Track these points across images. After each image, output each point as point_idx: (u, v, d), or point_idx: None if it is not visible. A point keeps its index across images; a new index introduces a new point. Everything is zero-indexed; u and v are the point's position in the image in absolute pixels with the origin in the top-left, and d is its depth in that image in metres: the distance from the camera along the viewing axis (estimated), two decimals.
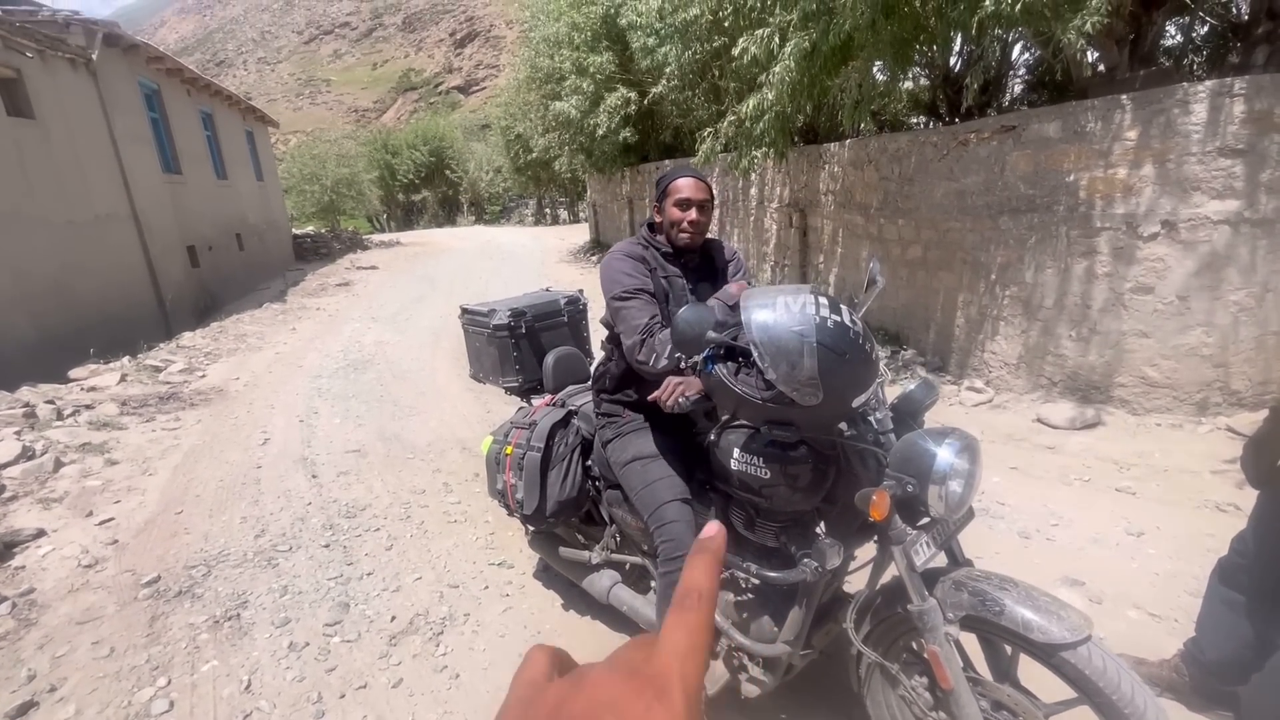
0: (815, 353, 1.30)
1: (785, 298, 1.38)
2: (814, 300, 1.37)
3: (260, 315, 9.63)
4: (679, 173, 1.95)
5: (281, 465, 4.08)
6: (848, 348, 1.33)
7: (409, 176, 34.48)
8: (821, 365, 1.30)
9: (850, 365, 1.34)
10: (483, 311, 2.66)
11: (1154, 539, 3.07)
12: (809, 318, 1.32)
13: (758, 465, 1.68)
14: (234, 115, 15.40)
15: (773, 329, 1.33)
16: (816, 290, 1.42)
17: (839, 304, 1.40)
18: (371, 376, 6.13)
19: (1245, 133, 3.50)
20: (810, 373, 1.30)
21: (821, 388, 1.32)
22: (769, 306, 1.36)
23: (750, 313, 1.37)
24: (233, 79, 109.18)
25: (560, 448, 2.34)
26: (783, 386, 1.33)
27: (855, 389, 1.38)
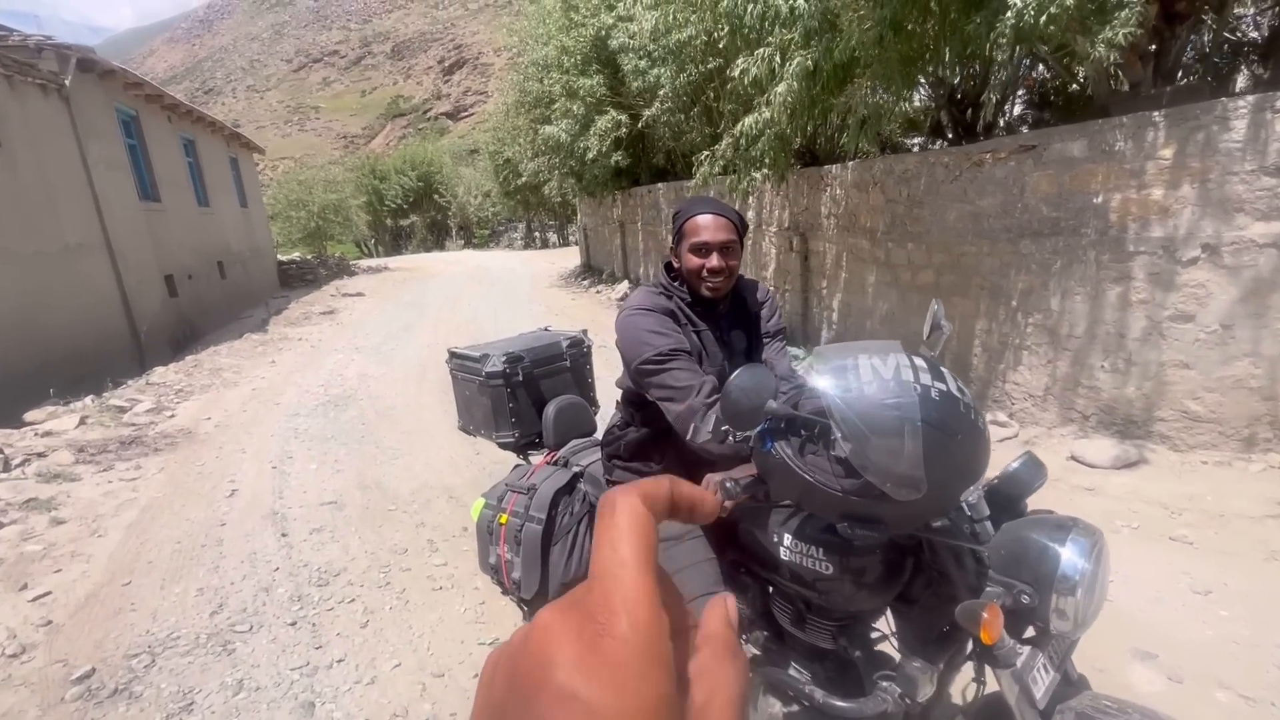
0: (920, 435, 0.98)
1: (871, 359, 1.06)
2: (909, 363, 1.05)
3: (239, 347, 9.23)
4: (696, 207, 1.62)
5: (248, 522, 3.69)
6: (959, 426, 1.01)
7: (397, 201, 34.29)
8: (928, 452, 0.98)
9: (962, 449, 1.02)
10: (473, 356, 2.33)
11: (1223, 598, 2.75)
12: (907, 388, 1.00)
13: (815, 556, 1.35)
14: (217, 142, 15.13)
15: (860, 403, 1.01)
16: (907, 349, 1.10)
17: (939, 366, 1.08)
18: (353, 414, 5.75)
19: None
20: (913, 462, 0.98)
21: (926, 481, 0.99)
22: (851, 372, 1.04)
23: (826, 380, 1.05)
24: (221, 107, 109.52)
25: (565, 518, 2.00)
26: (873, 478, 1.01)
27: (966, 479, 1.06)
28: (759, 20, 5.20)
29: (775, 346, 1.75)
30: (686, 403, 1.48)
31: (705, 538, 1.65)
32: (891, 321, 5.92)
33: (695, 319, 1.64)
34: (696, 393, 1.49)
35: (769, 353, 1.74)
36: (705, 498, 0.34)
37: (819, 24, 4.72)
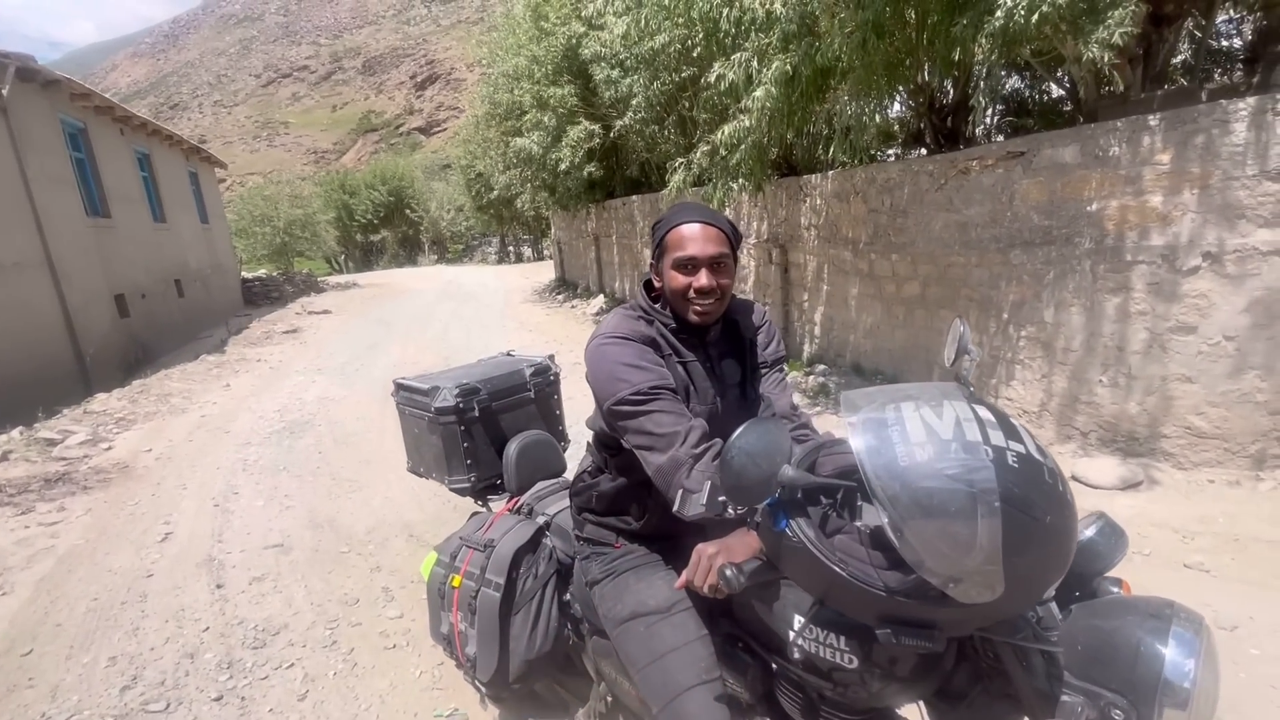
0: (999, 518, 0.70)
1: (920, 409, 0.79)
2: (971, 414, 0.78)
3: (192, 369, 8.72)
4: (680, 215, 1.34)
5: (179, 572, 3.29)
6: (1047, 503, 0.75)
7: (367, 217, 33.67)
8: (1008, 540, 0.71)
9: (1051, 534, 0.75)
10: (421, 388, 2.01)
11: (1251, 634, 2.53)
12: (976, 451, 0.73)
13: (835, 646, 1.06)
14: (175, 156, 14.58)
15: (912, 474, 0.73)
16: (965, 394, 0.83)
17: (1009, 419, 0.81)
18: (309, 442, 5.36)
19: None
20: (989, 554, 0.71)
21: (1004, 578, 0.72)
22: (895, 428, 0.77)
23: (862, 439, 0.77)
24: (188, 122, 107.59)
25: (528, 581, 1.69)
26: (932, 575, 0.73)
27: (1054, 572, 0.79)
28: (735, 25, 5.01)
29: (774, 379, 1.47)
30: (669, 453, 1.20)
31: (695, 608, 1.36)
32: (876, 335, 5.72)
33: (680, 348, 1.36)
34: (682, 441, 1.20)
35: (767, 386, 1.46)
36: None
37: (797, 28, 4.53)
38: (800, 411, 1.44)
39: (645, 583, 1.41)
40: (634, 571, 1.44)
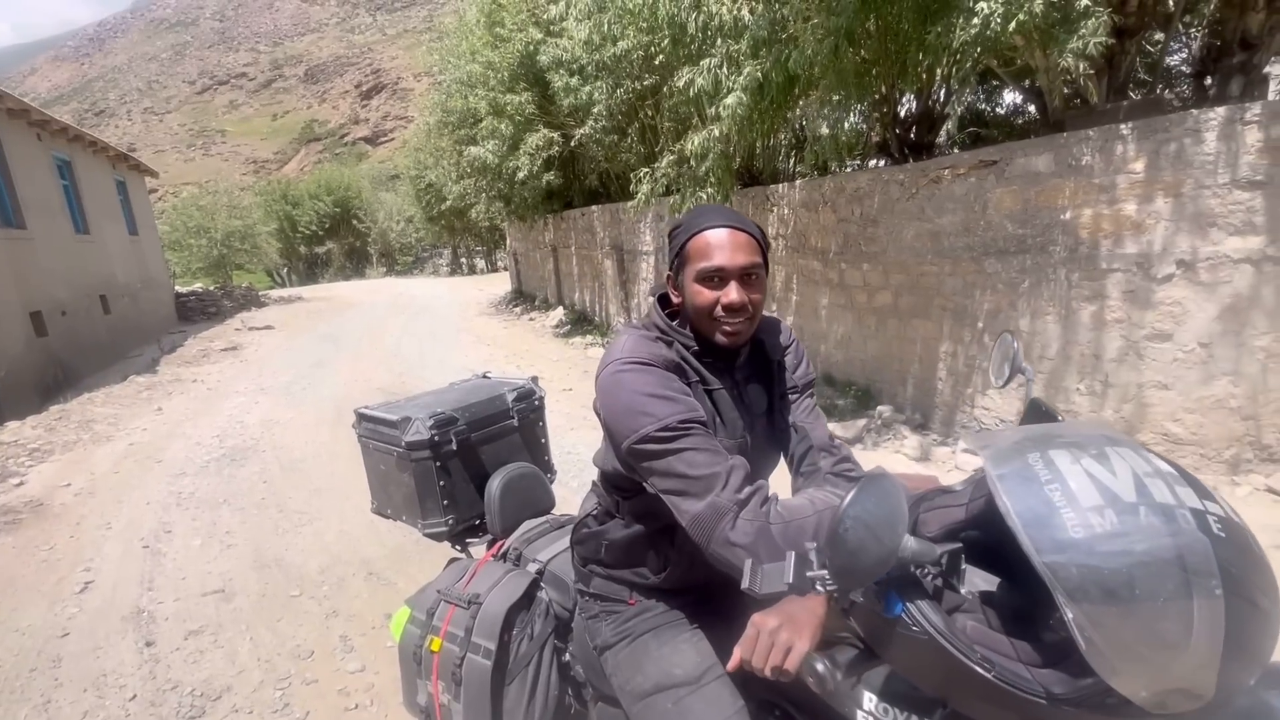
0: (1221, 605, 0.53)
1: (1080, 460, 0.61)
2: (1148, 465, 0.61)
3: (120, 392, 8.06)
4: (704, 219, 1.15)
5: (102, 628, 2.90)
6: (1266, 582, 0.58)
7: (311, 228, 32.48)
8: (1231, 635, 0.54)
9: (1273, 624, 0.58)
10: (389, 419, 1.76)
11: None
12: (1175, 517, 0.56)
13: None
14: (100, 163, 13.66)
15: (1096, 549, 0.55)
16: (1128, 439, 0.66)
17: (1187, 471, 0.64)
18: (253, 471, 4.94)
19: (1263, 163, 3.16)
20: (1205, 656, 0.54)
21: (1218, 681, 0.55)
22: (1050, 486, 0.59)
23: (1020, 500, 0.59)
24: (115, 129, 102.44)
25: (522, 644, 1.46)
26: (1125, 682, 0.56)
27: (1261, 667, 0.62)
28: (702, 30, 4.90)
29: (806, 405, 1.29)
30: (708, 499, 1.00)
31: (730, 676, 1.16)
32: (847, 345, 5.67)
33: (706, 374, 1.17)
34: (723, 485, 1.01)
35: (799, 414, 1.28)
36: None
37: (768, 34, 4.44)
38: (839, 443, 1.26)
39: (669, 648, 1.21)
40: (653, 634, 1.24)
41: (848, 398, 5.48)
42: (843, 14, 3.96)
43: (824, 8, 4.11)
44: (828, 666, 0.76)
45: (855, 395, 5.46)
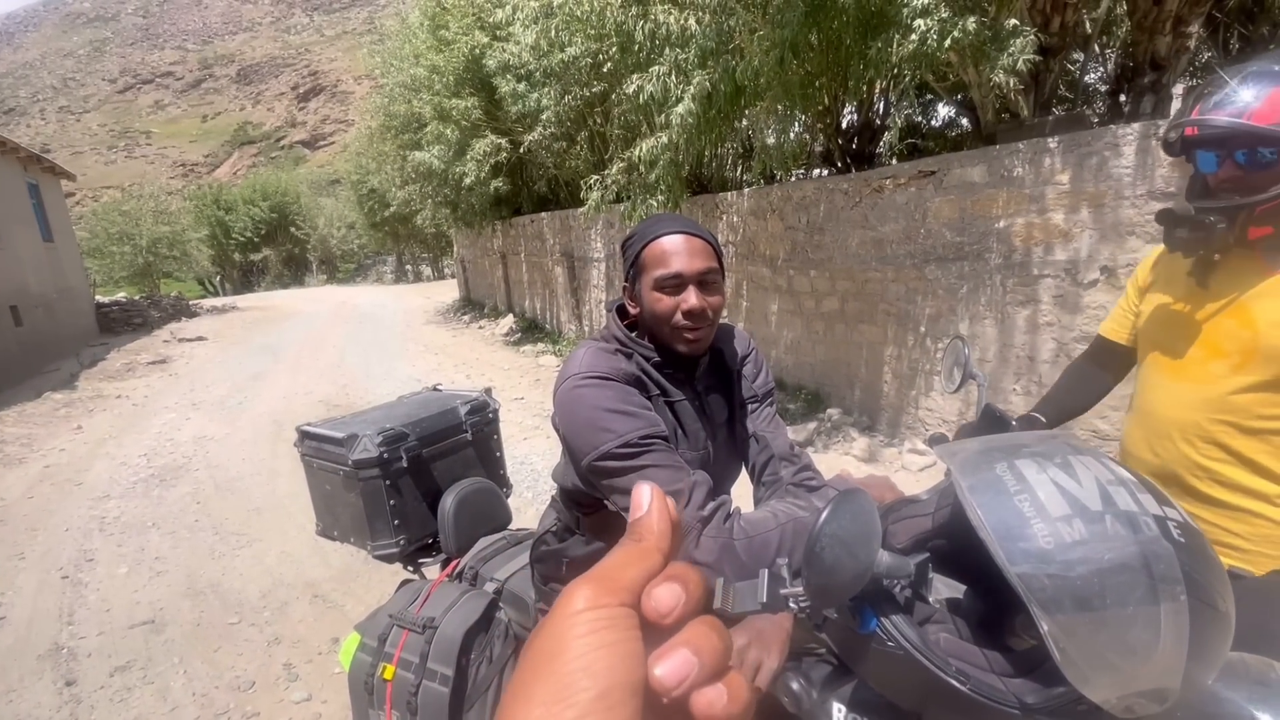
0: (1186, 612, 0.55)
1: (1045, 469, 0.62)
2: (1109, 472, 0.63)
3: (33, 411, 7.51)
4: (657, 226, 1.14)
5: (15, 669, 2.67)
6: (1223, 587, 0.60)
7: (246, 234, 31.17)
8: (1196, 640, 0.56)
9: (1230, 627, 0.60)
10: (335, 437, 1.68)
11: None
12: (1138, 524, 0.58)
13: None
14: (10, 164, 12.76)
15: (1065, 559, 0.56)
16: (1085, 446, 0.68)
17: (1142, 476, 0.66)
18: (185, 491, 4.67)
19: (1174, 175, 3.38)
20: (1171, 660, 0.56)
21: (1181, 683, 0.57)
22: (1019, 496, 0.60)
23: (991, 512, 0.60)
24: (27, 129, 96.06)
25: (480, 668, 1.42)
26: (1096, 690, 0.57)
27: (1221, 661, 0.65)
28: (649, 38, 4.93)
29: (765, 414, 1.30)
30: None
31: None
32: (797, 350, 5.79)
33: (667, 386, 1.16)
34: (685, 502, 1.00)
35: (759, 423, 1.28)
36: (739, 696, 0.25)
37: (715, 45, 4.50)
38: (800, 452, 1.27)
39: None
40: None
41: (798, 401, 5.58)
42: (787, 27, 4.05)
43: (770, 20, 4.19)
44: (802, 685, 0.76)
45: (805, 399, 5.57)
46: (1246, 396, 1.16)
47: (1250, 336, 1.14)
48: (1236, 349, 1.17)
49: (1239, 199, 1.11)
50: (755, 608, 0.80)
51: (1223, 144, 1.11)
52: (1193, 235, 1.16)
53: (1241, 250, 1.16)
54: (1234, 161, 1.11)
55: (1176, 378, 1.27)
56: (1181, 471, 1.26)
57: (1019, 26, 3.47)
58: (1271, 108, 1.04)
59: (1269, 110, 1.04)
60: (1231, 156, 1.11)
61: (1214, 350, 1.20)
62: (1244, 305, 1.17)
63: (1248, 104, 1.06)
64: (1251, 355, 1.14)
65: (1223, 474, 1.20)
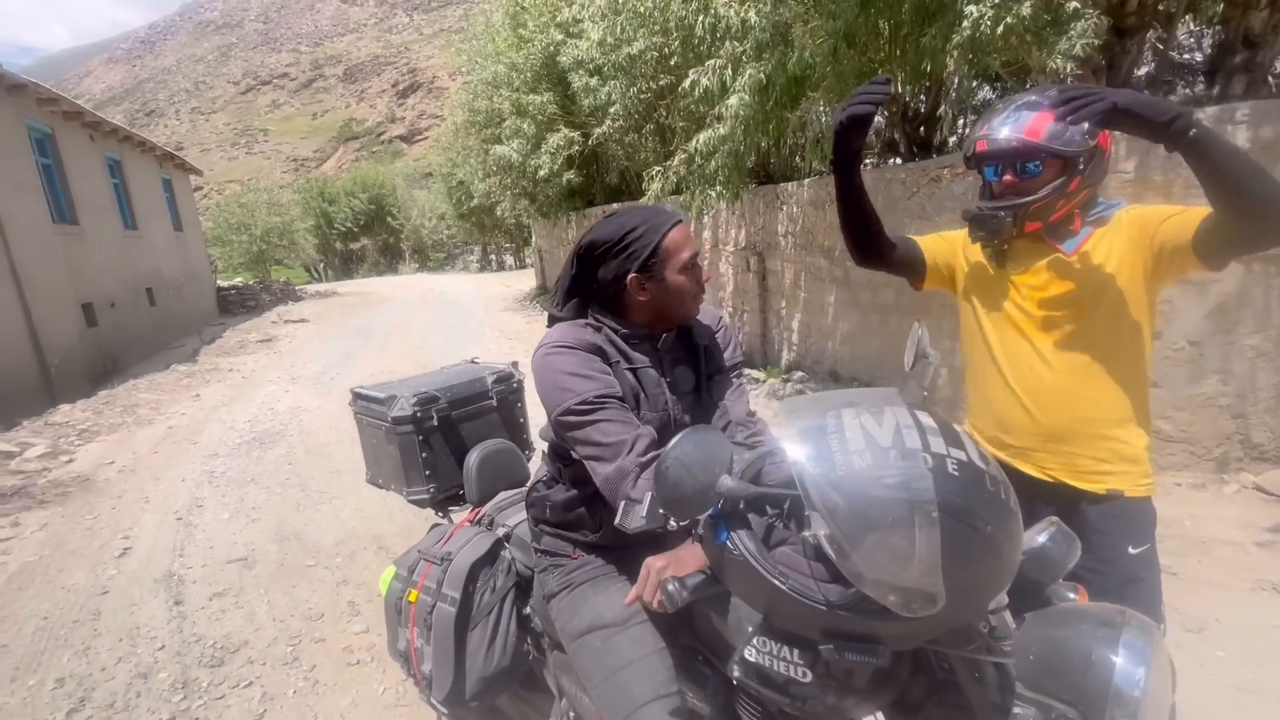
0: (937, 528, 0.68)
1: (860, 416, 0.76)
2: (912, 422, 0.76)
3: (161, 380, 8.53)
4: (661, 218, 1.31)
5: (137, 589, 3.19)
6: (989, 512, 0.73)
7: (347, 225, 33.37)
8: (948, 551, 0.69)
9: (993, 544, 0.73)
10: (378, 397, 1.97)
11: (1218, 636, 2.56)
12: (915, 459, 0.71)
13: (789, 660, 1.03)
14: (148, 162, 14.34)
15: (849, 484, 0.71)
16: (910, 398, 0.81)
17: (952, 427, 0.79)
18: (279, 453, 5.25)
19: None
20: (928, 567, 0.69)
21: (944, 590, 0.70)
22: (834, 435, 0.75)
23: (799, 447, 0.75)
24: (163, 129, 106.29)
25: (485, 595, 1.65)
26: (871, 588, 0.71)
27: (997, 583, 0.77)
28: (710, 32, 5.03)
29: (730, 385, 1.45)
30: (616, 463, 1.17)
31: (653, 621, 1.33)
32: (853, 342, 5.75)
33: (630, 353, 1.33)
34: (629, 450, 1.17)
35: (722, 392, 1.43)
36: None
37: (771, 36, 4.56)
38: (756, 418, 1.41)
39: (602, 595, 1.38)
40: (591, 584, 1.41)
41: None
42: (841, 17, 4.06)
43: (823, 11, 4.21)
44: (676, 586, 0.92)
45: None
46: (1086, 341, 1.43)
47: (1077, 293, 1.41)
48: (1069, 304, 1.42)
49: (1016, 200, 1.38)
50: (640, 523, 0.98)
51: (1002, 157, 1.38)
52: (986, 229, 1.45)
53: (1024, 240, 1.45)
54: (1013, 171, 1.38)
55: (1029, 338, 1.49)
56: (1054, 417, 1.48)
57: (1080, 10, 3.35)
58: (1036, 128, 1.32)
59: (1034, 130, 1.32)
60: (1010, 168, 1.38)
61: (1051, 310, 1.44)
62: (1062, 277, 1.41)
63: (1022, 125, 1.34)
64: (1081, 309, 1.42)
65: (1084, 413, 1.47)
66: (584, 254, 1.33)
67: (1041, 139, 1.32)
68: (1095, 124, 1.21)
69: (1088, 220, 1.43)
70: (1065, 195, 1.36)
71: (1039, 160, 1.35)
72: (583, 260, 1.34)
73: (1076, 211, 1.41)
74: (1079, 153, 1.32)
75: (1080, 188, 1.37)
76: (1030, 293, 1.48)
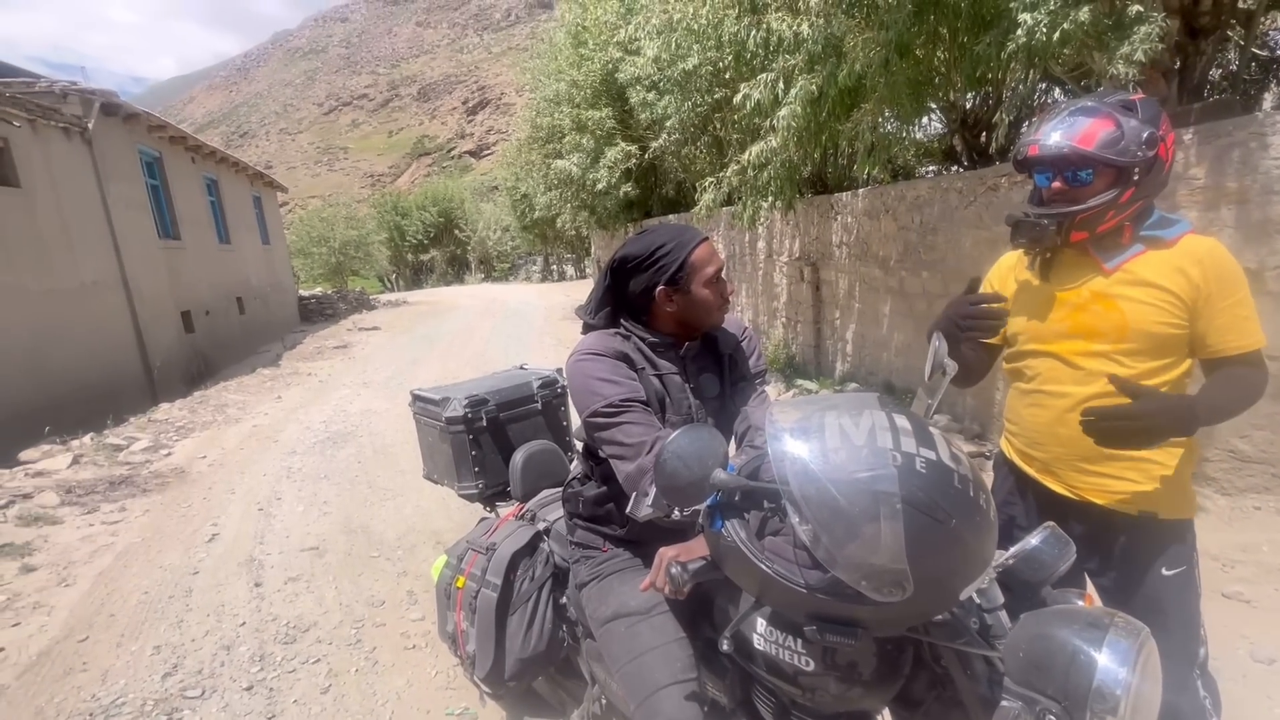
0: (900, 519, 0.75)
1: (840, 418, 0.84)
2: (887, 423, 0.83)
3: (248, 382, 9.20)
4: (688, 235, 1.42)
5: (223, 570, 3.51)
6: (954, 507, 0.79)
7: (418, 237, 34.86)
8: (912, 540, 0.76)
9: (958, 537, 0.79)
10: (434, 399, 2.14)
11: None
12: (884, 456, 0.78)
13: (794, 649, 1.11)
14: (241, 181, 15.49)
15: (822, 477, 0.79)
16: (886, 404, 0.88)
17: (926, 428, 0.85)
18: (350, 452, 5.60)
19: None
20: (893, 554, 0.76)
21: (911, 578, 0.77)
22: (815, 435, 0.83)
23: (782, 445, 0.83)
24: (255, 149, 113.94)
25: (524, 583, 1.78)
26: (843, 573, 0.78)
27: (966, 574, 0.83)
28: (762, 46, 5.10)
29: (753, 392, 1.53)
30: (637, 462, 1.27)
31: (675, 611, 1.42)
32: (908, 353, 5.66)
33: (656, 360, 1.44)
34: (648, 450, 1.27)
35: (745, 399, 1.51)
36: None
37: (823, 49, 4.59)
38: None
39: (628, 585, 1.47)
40: (618, 575, 1.51)
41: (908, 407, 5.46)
42: (893, 28, 4.06)
43: (875, 22, 4.22)
44: (679, 570, 1.01)
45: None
46: (1125, 369, 1.35)
47: (1119, 319, 1.33)
48: (1111, 329, 1.34)
49: (1065, 208, 1.33)
50: (647, 511, 1.08)
51: (1052, 164, 1.34)
52: (1028, 236, 1.39)
53: (1071, 250, 1.40)
54: (1063, 178, 1.33)
55: (1067, 361, 1.43)
56: (1087, 440, 1.40)
57: (1144, 13, 3.24)
58: (1089, 136, 1.27)
59: (1087, 138, 1.28)
60: (1061, 175, 1.33)
61: (1091, 334, 1.38)
62: (1101, 296, 1.35)
63: (1074, 132, 1.27)
64: (1123, 334, 1.35)
65: None
66: (616, 268, 1.45)
67: (1094, 148, 1.26)
68: None
69: (1140, 236, 1.35)
70: (1116, 207, 1.29)
71: (1091, 169, 1.29)
72: (615, 273, 1.46)
73: (1128, 224, 1.34)
74: (1134, 163, 1.26)
75: (1133, 200, 1.30)
76: (1069, 309, 1.42)
